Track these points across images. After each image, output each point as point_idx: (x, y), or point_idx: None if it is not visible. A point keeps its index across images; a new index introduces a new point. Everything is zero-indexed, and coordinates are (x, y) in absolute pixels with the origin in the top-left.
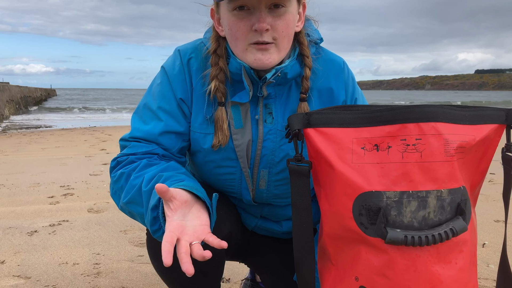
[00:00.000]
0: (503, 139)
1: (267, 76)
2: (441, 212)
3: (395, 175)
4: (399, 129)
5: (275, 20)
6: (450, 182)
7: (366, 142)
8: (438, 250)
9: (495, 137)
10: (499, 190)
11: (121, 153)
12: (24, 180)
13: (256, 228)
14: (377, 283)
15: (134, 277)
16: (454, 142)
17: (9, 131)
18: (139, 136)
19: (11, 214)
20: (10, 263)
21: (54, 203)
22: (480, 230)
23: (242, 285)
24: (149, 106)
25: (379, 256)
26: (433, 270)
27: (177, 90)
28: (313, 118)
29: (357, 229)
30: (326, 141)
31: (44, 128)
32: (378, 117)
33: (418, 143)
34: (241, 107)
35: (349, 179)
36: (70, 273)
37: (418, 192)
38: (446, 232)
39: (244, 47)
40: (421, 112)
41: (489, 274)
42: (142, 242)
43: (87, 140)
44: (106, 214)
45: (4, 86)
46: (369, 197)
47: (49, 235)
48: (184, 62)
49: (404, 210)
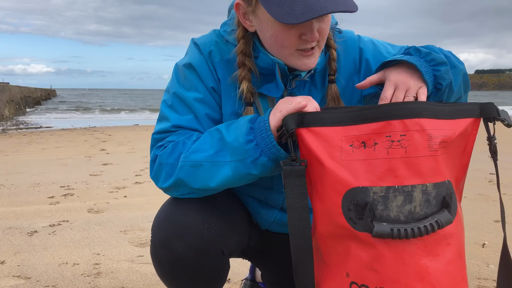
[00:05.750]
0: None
1: (302, 74)
2: (427, 206)
3: (381, 170)
4: (384, 126)
5: (321, 25)
6: (435, 176)
7: (354, 139)
8: (425, 243)
9: (472, 131)
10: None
11: (165, 140)
12: (24, 180)
13: (274, 224)
14: (367, 277)
15: (134, 277)
16: (437, 137)
17: (9, 131)
18: (183, 125)
19: (11, 214)
20: (10, 263)
21: (54, 203)
22: (480, 230)
23: (242, 285)
24: (184, 98)
25: (368, 251)
26: (421, 262)
27: (206, 79)
28: (306, 118)
29: (346, 225)
30: (317, 140)
31: (44, 128)
32: (364, 114)
33: (403, 139)
34: (268, 98)
35: (338, 175)
36: (70, 273)
37: (403, 186)
38: (431, 224)
39: (290, 52)
40: (405, 109)
41: (489, 274)
42: (142, 242)
43: (87, 140)
44: (106, 214)
45: (4, 86)
46: (356, 193)
47: (49, 235)
48: (206, 54)
49: (390, 205)
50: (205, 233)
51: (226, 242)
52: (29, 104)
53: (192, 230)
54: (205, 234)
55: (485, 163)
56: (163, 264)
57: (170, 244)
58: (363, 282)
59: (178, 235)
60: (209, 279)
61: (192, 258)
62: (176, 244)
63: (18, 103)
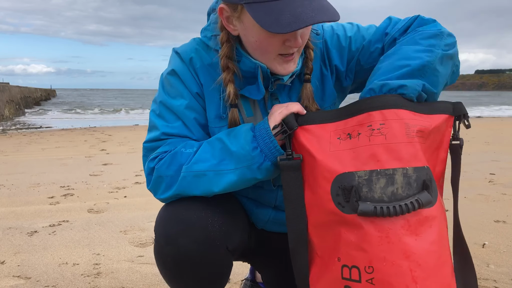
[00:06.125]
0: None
1: (284, 79)
2: (408, 188)
3: (365, 156)
4: (366, 117)
5: (303, 31)
6: (414, 161)
7: (341, 132)
8: (409, 222)
9: (446, 127)
10: (499, 190)
11: (157, 151)
12: (24, 181)
13: (269, 223)
14: (356, 258)
15: (134, 277)
16: (414, 126)
17: (9, 132)
18: (172, 132)
19: (11, 214)
20: (10, 264)
21: (54, 204)
22: (480, 230)
23: (242, 285)
24: (171, 106)
25: (356, 232)
26: (405, 241)
27: (190, 85)
28: (300, 118)
29: (336, 210)
30: (309, 136)
31: (44, 128)
32: (348, 110)
33: (382, 127)
34: (249, 99)
35: (327, 164)
36: (70, 274)
37: (385, 170)
38: (412, 203)
39: (273, 57)
40: (383, 101)
41: (489, 274)
42: (142, 242)
43: (87, 141)
44: (106, 214)
45: (4, 86)
46: (343, 178)
47: (49, 236)
48: (187, 61)
49: (374, 187)
50: (209, 228)
51: (230, 237)
52: (29, 104)
53: (196, 225)
54: (209, 229)
55: (485, 163)
56: (168, 262)
57: (175, 240)
58: (353, 263)
59: (183, 231)
60: (214, 276)
61: (197, 254)
62: (182, 240)
63: (18, 103)
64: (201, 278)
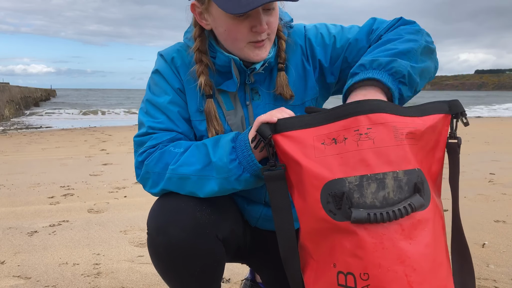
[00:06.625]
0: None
1: (257, 67)
2: (400, 192)
3: (353, 161)
4: (352, 121)
5: (269, 19)
6: (404, 164)
7: (325, 137)
8: (402, 227)
9: (443, 126)
10: (499, 190)
11: (145, 146)
12: (24, 181)
13: (261, 220)
14: (351, 264)
15: (134, 277)
16: (403, 129)
17: (9, 132)
18: (158, 127)
19: (11, 214)
20: (10, 264)
21: (54, 204)
22: (480, 230)
23: (242, 285)
24: (156, 103)
25: (350, 239)
26: (400, 246)
27: (172, 82)
28: (279, 125)
29: (327, 217)
30: (291, 142)
31: (44, 128)
32: (332, 114)
33: (370, 132)
34: (229, 93)
35: (314, 171)
36: (70, 274)
37: (375, 174)
38: (405, 207)
39: (243, 45)
40: (369, 105)
41: (489, 274)
42: (142, 242)
43: (87, 141)
44: (106, 214)
45: (4, 86)
46: (333, 185)
47: (49, 236)
48: (169, 61)
49: (365, 192)
50: (197, 215)
51: (219, 226)
52: (29, 104)
53: (184, 214)
54: (198, 217)
55: (485, 163)
56: (160, 252)
57: (165, 230)
58: (349, 269)
59: (172, 220)
60: (206, 266)
61: (188, 242)
62: (172, 229)
63: (18, 103)
64: (193, 268)
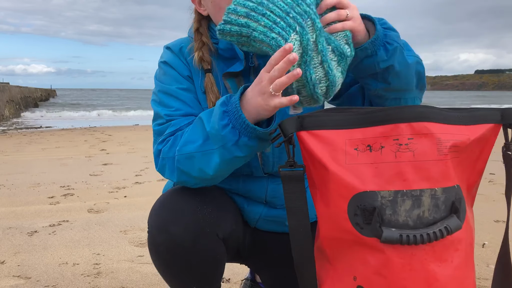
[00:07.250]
0: (500, 139)
1: None
2: (436, 211)
3: (389, 174)
4: (392, 129)
5: None
6: (444, 181)
7: (359, 143)
8: (433, 248)
9: (491, 137)
10: (499, 190)
11: (165, 134)
12: (24, 180)
13: (261, 220)
14: (374, 282)
15: (134, 277)
16: (448, 141)
17: (9, 131)
18: (175, 114)
19: (11, 214)
20: (10, 263)
21: (54, 203)
22: (480, 230)
23: (242, 285)
24: (168, 91)
25: (376, 256)
26: (429, 268)
27: (182, 70)
28: (306, 121)
29: (353, 230)
30: (319, 143)
31: (44, 128)
32: (370, 118)
33: (411, 143)
34: (236, 79)
35: (343, 179)
36: (70, 273)
37: (412, 191)
38: (440, 231)
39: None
40: (412, 112)
41: (489, 274)
42: (142, 242)
43: (87, 140)
44: (106, 214)
45: (4, 86)
46: (363, 197)
47: (49, 235)
48: (177, 52)
49: (399, 209)
50: (198, 214)
51: (220, 225)
52: (29, 104)
53: (186, 213)
54: (199, 216)
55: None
56: (160, 251)
57: (166, 228)
58: (370, 287)
59: (174, 219)
60: (206, 265)
61: (189, 241)
62: (173, 228)
63: (18, 103)
64: (194, 266)
